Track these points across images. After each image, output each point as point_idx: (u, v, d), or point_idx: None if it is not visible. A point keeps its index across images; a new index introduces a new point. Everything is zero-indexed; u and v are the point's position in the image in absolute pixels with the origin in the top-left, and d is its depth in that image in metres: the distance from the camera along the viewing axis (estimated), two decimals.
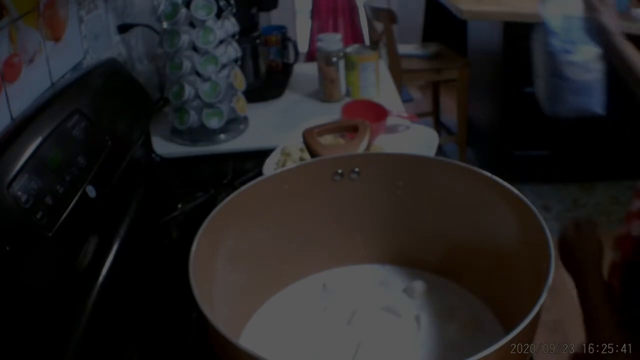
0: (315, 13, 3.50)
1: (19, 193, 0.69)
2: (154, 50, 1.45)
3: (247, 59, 1.45)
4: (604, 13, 1.05)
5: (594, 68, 1.10)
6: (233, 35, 1.32)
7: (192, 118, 1.29)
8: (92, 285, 0.84)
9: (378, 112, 1.26)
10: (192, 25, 1.26)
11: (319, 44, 1.51)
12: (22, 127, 0.77)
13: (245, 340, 0.70)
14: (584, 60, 1.10)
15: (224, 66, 1.29)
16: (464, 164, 0.71)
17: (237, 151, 1.29)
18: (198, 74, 1.27)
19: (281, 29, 1.67)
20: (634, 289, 0.80)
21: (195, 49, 1.26)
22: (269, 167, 1.06)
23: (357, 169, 0.75)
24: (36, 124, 0.79)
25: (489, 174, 0.68)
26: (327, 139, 0.91)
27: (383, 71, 1.64)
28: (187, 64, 1.25)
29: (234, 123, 1.35)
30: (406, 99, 3.32)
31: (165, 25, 1.24)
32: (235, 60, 1.34)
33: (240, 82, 1.34)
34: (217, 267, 0.67)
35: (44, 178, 0.74)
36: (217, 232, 0.66)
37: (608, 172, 2.64)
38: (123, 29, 1.29)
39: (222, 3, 1.28)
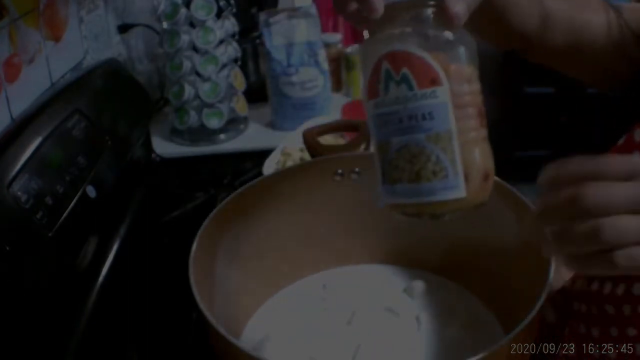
0: None
1: (19, 193, 0.69)
2: (154, 50, 1.45)
3: (247, 59, 1.45)
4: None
5: (312, 86, 1.31)
6: (233, 35, 1.32)
7: (192, 118, 1.29)
8: (92, 285, 0.84)
9: None
10: (192, 25, 1.26)
11: None
12: (22, 127, 0.77)
13: (245, 340, 0.70)
14: (302, 80, 1.31)
15: (224, 66, 1.29)
16: None
17: (237, 151, 1.29)
18: (198, 74, 1.27)
19: None
20: None
21: (195, 49, 1.26)
22: (269, 167, 1.06)
23: (357, 169, 0.75)
24: (36, 124, 0.79)
25: None
26: (327, 139, 0.90)
27: None
28: (187, 64, 1.25)
29: (234, 123, 1.35)
30: None
31: (165, 25, 1.24)
32: (235, 60, 1.34)
33: (240, 82, 1.34)
34: (217, 267, 0.67)
35: (44, 178, 0.74)
36: (217, 232, 0.66)
37: None
38: (123, 29, 1.29)
39: (222, 3, 1.28)
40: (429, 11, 0.43)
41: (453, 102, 0.42)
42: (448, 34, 0.43)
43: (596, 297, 0.64)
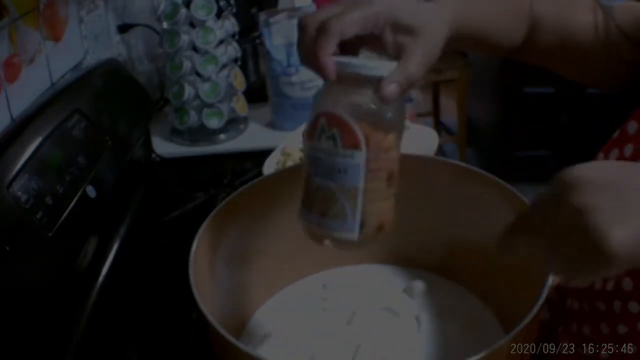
0: None
1: (19, 193, 0.69)
2: (154, 50, 1.45)
3: (247, 59, 1.45)
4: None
5: (312, 86, 1.29)
6: (233, 35, 1.32)
7: (192, 118, 1.29)
8: (92, 285, 0.84)
9: None
10: (192, 25, 1.26)
11: None
12: (22, 127, 0.77)
13: (245, 340, 0.70)
14: (302, 80, 1.29)
15: (224, 66, 1.29)
16: (463, 164, 0.71)
17: (237, 151, 1.29)
18: (198, 74, 1.27)
19: None
20: None
21: (195, 49, 1.26)
22: (269, 167, 1.06)
23: None
24: (36, 124, 0.79)
25: (489, 174, 0.68)
26: None
27: None
28: (187, 64, 1.25)
29: (234, 123, 1.35)
30: (406, 99, 3.31)
31: (165, 25, 1.24)
32: (235, 60, 1.34)
33: (240, 82, 1.34)
34: (217, 267, 0.67)
35: (44, 178, 0.74)
36: (217, 232, 0.66)
37: None
38: (123, 29, 1.29)
39: (222, 3, 1.28)
40: (369, 86, 0.51)
41: (367, 165, 0.51)
42: (381, 110, 0.51)
43: (588, 293, 0.64)
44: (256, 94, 1.43)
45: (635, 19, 0.67)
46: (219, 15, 1.27)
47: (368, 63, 0.52)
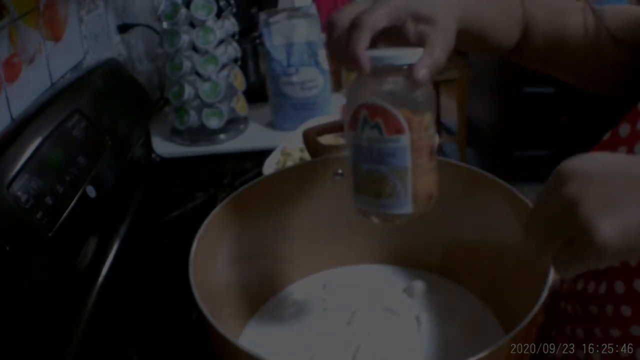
0: None
1: (19, 193, 0.69)
2: (154, 50, 1.45)
3: (247, 59, 1.45)
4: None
5: (312, 86, 1.31)
6: (233, 35, 1.33)
7: (192, 118, 1.29)
8: (92, 285, 0.84)
9: None
10: (192, 25, 1.26)
11: None
12: (22, 127, 0.77)
13: (245, 340, 0.70)
14: (302, 80, 1.31)
15: (224, 66, 1.29)
16: (463, 164, 0.71)
17: (237, 151, 1.29)
18: (198, 74, 1.27)
19: None
20: None
21: (195, 49, 1.26)
22: (269, 167, 1.06)
23: None
24: (36, 124, 0.79)
25: (489, 174, 0.68)
26: (327, 139, 0.90)
27: None
28: (187, 64, 1.25)
29: (234, 123, 1.35)
30: None
31: (165, 25, 1.24)
32: (235, 60, 1.34)
33: (240, 82, 1.34)
34: (217, 267, 0.67)
35: (44, 178, 0.74)
36: (217, 232, 0.66)
37: None
38: (123, 29, 1.29)
39: (222, 3, 1.28)
40: (401, 74, 0.55)
41: (411, 146, 0.55)
42: (414, 94, 0.55)
43: (581, 297, 0.64)
44: (256, 94, 1.43)
45: (628, 20, 0.68)
46: (219, 15, 1.27)
47: (397, 53, 0.56)
